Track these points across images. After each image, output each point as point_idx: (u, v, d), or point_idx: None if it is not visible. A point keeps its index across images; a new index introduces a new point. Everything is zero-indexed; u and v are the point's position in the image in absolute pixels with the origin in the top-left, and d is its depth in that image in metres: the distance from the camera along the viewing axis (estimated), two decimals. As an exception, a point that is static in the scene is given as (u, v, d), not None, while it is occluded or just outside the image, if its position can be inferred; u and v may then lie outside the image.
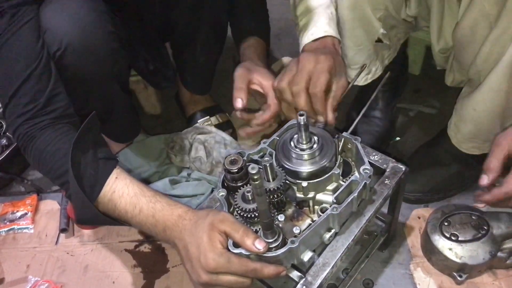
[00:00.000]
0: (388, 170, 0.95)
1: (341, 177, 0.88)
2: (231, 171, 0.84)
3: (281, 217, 0.83)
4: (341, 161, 0.89)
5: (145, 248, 1.26)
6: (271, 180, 0.81)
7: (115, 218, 0.92)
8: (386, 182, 0.93)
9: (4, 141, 1.47)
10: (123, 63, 1.15)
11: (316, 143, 0.85)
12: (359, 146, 0.89)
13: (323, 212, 0.82)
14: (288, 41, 1.92)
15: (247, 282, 0.80)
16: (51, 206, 1.39)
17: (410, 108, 1.53)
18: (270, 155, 0.90)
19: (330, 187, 0.87)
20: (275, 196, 0.83)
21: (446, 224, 1.08)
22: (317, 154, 0.85)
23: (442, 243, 1.06)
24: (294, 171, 0.85)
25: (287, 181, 0.85)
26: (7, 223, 1.34)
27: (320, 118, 0.96)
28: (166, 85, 1.43)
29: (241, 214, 0.82)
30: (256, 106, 1.17)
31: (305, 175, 0.85)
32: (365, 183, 0.83)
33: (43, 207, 1.39)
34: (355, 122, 1.00)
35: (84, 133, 0.91)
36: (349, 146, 0.92)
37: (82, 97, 1.07)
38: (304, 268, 0.83)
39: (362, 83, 1.32)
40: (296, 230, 0.82)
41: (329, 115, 0.97)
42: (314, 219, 0.85)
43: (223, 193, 0.86)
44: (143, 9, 1.26)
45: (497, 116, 1.02)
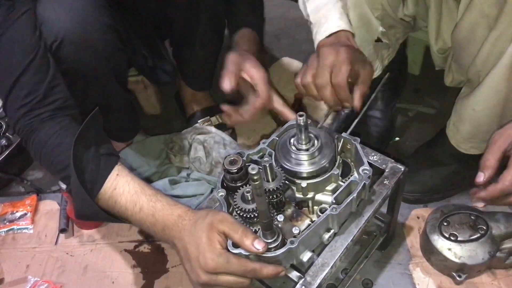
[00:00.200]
0: (387, 170, 0.95)
1: (340, 178, 0.88)
2: (231, 171, 0.84)
3: (280, 218, 0.83)
4: (341, 161, 0.89)
5: (145, 248, 1.26)
6: (270, 180, 0.81)
7: (114, 215, 0.92)
8: (385, 182, 0.93)
9: (3, 141, 1.47)
10: (121, 57, 1.15)
11: (316, 144, 0.86)
12: (358, 146, 0.89)
13: (322, 213, 0.82)
14: (287, 41, 1.92)
15: (246, 282, 0.80)
16: (51, 206, 1.39)
17: (409, 108, 1.53)
18: (270, 155, 0.90)
19: (330, 187, 0.87)
20: (275, 196, 0.83)
21: (445, 224, 1.08)
22: (316, 154, 0.85)
23: (441, 243, 1.06)
24: (293, 172, 0.85)
25: (286, 182, 0.85)
26: (7, 223, 1.34)
27: (347, 105, 0.96)
28: (166, 81, 1.43)
29: (241, 214, 0.82)
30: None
31: (304, 175, 0.85)
32: (364, 183, 0.84)
33: (43, 207, 1.39)
34: (354, 122, 1.00)
35: (86, 128, 0.91)
36: (349, 147, 0.92)
37: (80, 92, 1.06)
38: (303, 268, 0.83)
39: None
40: (295, 231, 0.82)
41: (356, 102, 0.96)
42: (314, 219, 0.85)
43: (223, 193, 0.86)
44: (139, 4, 1.26)
45: (496, 116, 1.02)
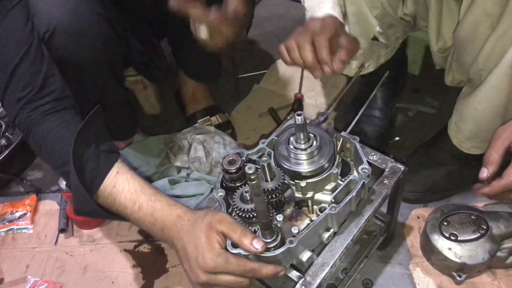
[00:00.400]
0: (387, 169, 0.95)
1: (339, 177, 0.88)
2: (230, 171, 0.84)
3: (279, 217, 0.83)
4: (340, 160, 0.89)
5: (145, 248, 1.26)
6: (269, 180, 0.81)
7: (113, 213, 0.91)
8: (385, 181, 0.93)
9: (3, 141, 1.47)
10: (115, 49, 1.14)
11: (314, 143, 0.85)
12: (358, 145, 0.89)
13: (321, 212, 0.82)
14: (287, 41, 1.92)
15: (245, 282, 0.80)
16: (50, 206, 1.39)
17: (409, 108, 1.53)
18: (269, 155, 0.90)
19: (329, 186, 0.87)
20: (274, 196, 0.83)
21: (445, 224, 1.08)
22: (315, 153, 0.85)
23: (441, 243, 1.06)
24: (292, 171, 0.85)
25: (285, 181, 0.85)
26: (6, 223, 1.34)
27: (327, 69, 0.94)
28: (162, 78, 1.42)
29: (240, 214, 0.82)
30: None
31: (303, 174, 0.85)
32: (364, 182, 0.83)
33: (42, 207, 1.39)
34: (354, 122, 1.00)
35: (87, 125, 0.91)
36: (348, 146, 0.91)
37: (74, 84, 1.05)
38: (303, 268, 0.83)
39: (351, 74, 1.31)
40: (294, 230, 0.82)
41: (335, 64, 0.93)
42: (313, 218, 0.85)
43: (222, 194, 0.86)
44: (133, 0, 1.26)
45: (498, 115, 1.02)
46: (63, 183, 1.21)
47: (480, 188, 0.92)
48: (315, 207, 0.87)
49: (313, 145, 0.85)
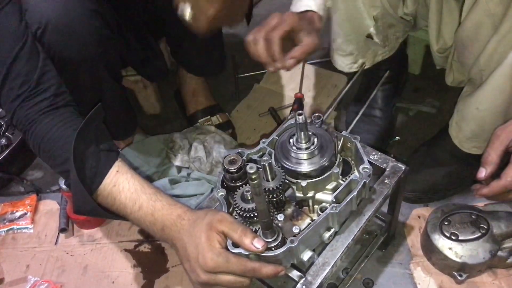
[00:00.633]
0: (388, 169, 0.94)
1: (340, 176, 0.87)
2: (230, 171, 0.84)
3: (280, 217, 0.83)
4: (341, 160, 0.89)
5: (145, 248, 1.26)
6: (270, 179, 0.81)
7: (113, 212, 0.91)
8: (386, 181, 0.93)
9: (3, 141, 1.47)
10: (110, 46, 1.12)
11: (315, 142, 0.85)
12: (359, 145, 0.89)
13: (322, 212, 0.82)
14: (287, 41, 1.92)
15: (246, 281, 0.80)
16: (51, 206, 1.39)
17: (409, 108, 1.53)
18: (269, 154, 0.90)
19: (330, 186, 0.87)
20: (274, 195, 0.82)
21: (446, 223, 1.08)
22: (316, 153, 0.85)
23: (442, 243, 1.06)
24: (293, 171, 0.85)
25: (286, 181, 0.85)
26: (7, 223, 1.34)
27: (278, 65, 0.96)
28: (159, 78, 1.41)
29: (241, 213, 0.82)
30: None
31: (304, 174, 0.85)
32: (365, 182, 0.83)
33: (43, 207, 1.39)
34: (354, 121, 1.00)
35: (88, 124, 0.91)
36: (349, 145, 0.91)
37: (69, 82, 1.04)
38: (304, 268, 0.83)
39: (346, 70, 1.32)
40: (295, 230, 0.82)
41: (287, 61, 0.95)
42: (314, 218, 0.85)
43: (223, 193, 0.85)
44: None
45: (500, 116, 1.02)
46: (63, 183, 1.21)
47: (478, 189, 0.91)
48: (316, 206, 0.87)
49: (314, 145, 0.85)
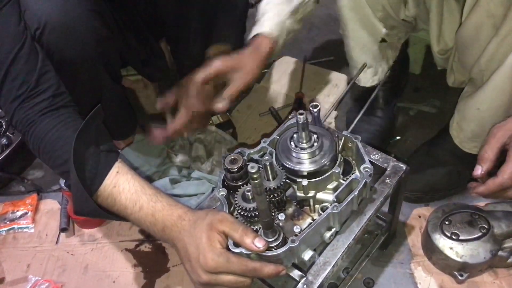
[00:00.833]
0: (388, 169, 0.94)
1: (341, 176, 0.87)
2: (231, 170, 0.84)
3: (281, 216, 0.83)
4: (342, 160, 0.89)
5: (146, 247, 1.26)
6: (271, 179, 0.81)
7: (113, 213, 0.91)
8: (386, 181, 0.93)
9: (4, 141, 1.47)
10: (109, 46, 1.12)
11: (316, 142, 0.85)
12: (360, 145, 0.89)
13: (323, 211, 0.82)
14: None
15: (247, 281, 0.80)
16: (51, 205, 1.39)
17: (410, 107, 1.53)
18: (270, 154, 0.90)
19: (331, 186, 0.87)
20: (275, 195, 0.82)
21: (446, 223, 1.08)
22: (317, 153, 0.85)
23: (442, 242, 1.06)
24: (294, 170, 0.85)
25: (287, 180, 0.85)
26: (7, 222, 1.34)
27: (213, 106, 1.02)
28: (160, 77, 1.41)
29: (242, 213, 0.82)
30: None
31: (305, 174, 0.85)
32: (366, 181, 0.83)
33: (43, 206, 1.39)
34: (355, 121, 1.00)
35: (87, 124, 0.91)
36: (350, 145, 0.91)
37: (68, 82, 1.03)
38: (304, 267, 0.83)
39: (369, 85, 1.32)
40: (296, 229, 0.82)
41: (218, 104, 1.02)
42: (315, 218, 0.85)
43: (224, 193, 0.85)
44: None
45: (501, 116, 1.02)
46: (64, 182, 1.21)
47: (475, 187, 0.91)
48: (317, 206, 0.87)
49: (315, 144, 0.85)
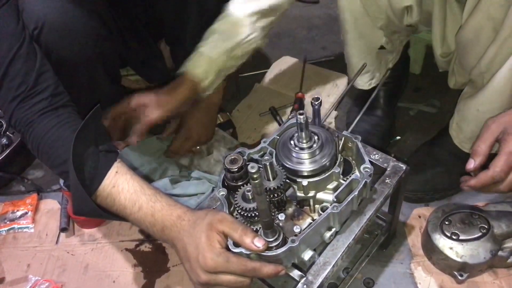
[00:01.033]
0: (388, 169, 0.94)
1: (341, 176, 0.87)
2: (231, 170, 0.84)
3: (281, 216, 0.83)
4: (342, 160, 0.89)
5: (146, 247, 1.26)
6: (271, 179, 0.81)
7: (113, 213, 0.91)
8: (386, 181, 0.93)
9: (4, 141, 1.47)
10: (107, 46, 1.12)
11: (316, 142, 0.85)
12: (360, 145, 0.89)
13: (323, 211, 0.82)
14: (288, 40, 1.92)
15: (246, 281, 0.80)
16: (51, 205, 1.39)
17: (410, 107, 1.53)
18: (270, 154, 0.90)
19: (331, 186, 0.87)
20: (275, 195, 0.82)
21: (446, 223, 1.08)
22: (317, 153, 0.85)
23: (442, 242, 1.06)
24: (294, 170, 0.85)
25: (287, 180, 0.85)
26: (7, 222, 1.34)
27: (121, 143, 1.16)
28: (159, 79, 1.41)
29: (242, 213, 0.82)
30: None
31: (305, 174, 0.85)
32: (366, 181, 0.83)
33: (43, 206, 1.39)
34: (355, 121, 1.00)
35: (87, 124, 0.91)
36: (350, 145, 0.91)
37: (67, 82, 1.03)
38: (304, 267, 0.83)
39: (366, 88, 1.33)
40: (296, 229, 0.82)
41: (128, 138, 1.16)
42: (315, 218, 0.85)
43: (224, 193, 0.85)
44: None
45: None
46: (61, 178, 1.21)
47: (467, 180, 0.91)
48: (317, 206, 0.87)
49: (315, 144, 0.85)
